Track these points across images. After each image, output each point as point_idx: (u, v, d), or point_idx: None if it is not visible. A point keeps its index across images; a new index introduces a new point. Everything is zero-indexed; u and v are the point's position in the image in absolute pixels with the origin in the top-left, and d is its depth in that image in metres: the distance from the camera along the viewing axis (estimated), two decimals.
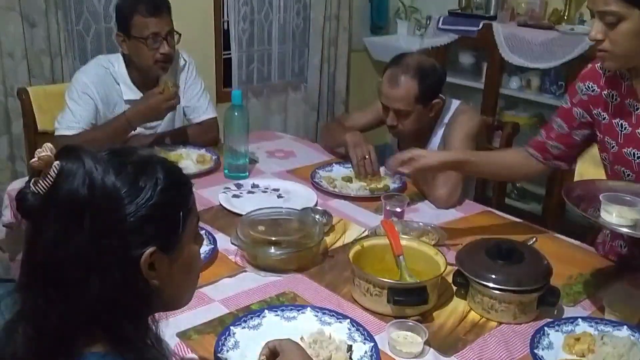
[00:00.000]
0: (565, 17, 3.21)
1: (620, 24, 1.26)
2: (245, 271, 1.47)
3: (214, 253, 1.50)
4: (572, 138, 1.54)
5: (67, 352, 0.76)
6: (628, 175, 1.45)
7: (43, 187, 0.75)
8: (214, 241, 1.54)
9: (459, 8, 3.51)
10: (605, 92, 1.45)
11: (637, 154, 1.41)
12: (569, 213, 2.82)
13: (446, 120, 1.99)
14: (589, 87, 1.48)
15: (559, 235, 1.71)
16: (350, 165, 2.07)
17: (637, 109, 1.39)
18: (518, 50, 3.16)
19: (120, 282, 0.76)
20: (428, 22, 3.66)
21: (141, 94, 2.07)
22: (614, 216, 1.24)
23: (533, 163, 1.62)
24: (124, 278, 0.77)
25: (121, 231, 0.76)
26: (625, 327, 1.26)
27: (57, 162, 0.76)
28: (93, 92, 2.05)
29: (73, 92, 2.05)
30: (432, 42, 3.50)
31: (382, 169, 2.03)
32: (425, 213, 1.82)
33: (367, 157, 1.96)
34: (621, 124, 1.43)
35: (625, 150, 1.43)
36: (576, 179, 1.98)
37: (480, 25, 3.28)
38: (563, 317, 1.32)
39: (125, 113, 1.99)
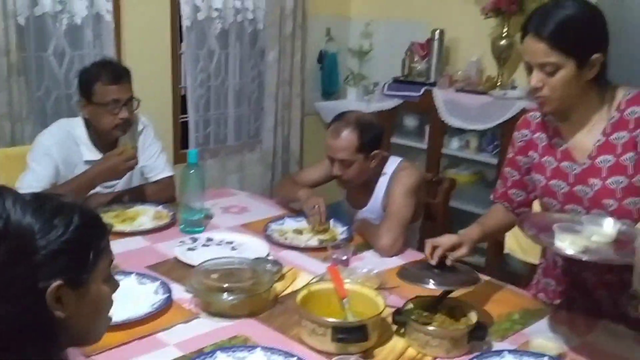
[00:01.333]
0: (499, 84, 3.51)
1: (557, 72, 1.41)
2: (199, 317, 1.56)
3: (168, 302, 1.59)
4: (525, 183, 1.68)
5: None
6: (554, 205, 1.61)
7: None
8: (168, 290, 1.63)
9: (402, 75, 3.78)
10: (536, 136, 1.64)
11: (562, 185, 1.58)
12: (507, 264, 3.01)
13: (389, 175, 2.16)
14: (523, 134, 1.67)
15: (491, 279, 1.86)
16: (300, 219, 2.21)
17: (561, 146, 1.58)
18: (456, 113, 3.42)
19: (27, 311, 0.84)
20: (375, 88, 3.93)
21: (101, 155, 2.18)
22: (567, 244, 1.36)
23: (508, 212, 1.73)
24: (30, 307, 0.84)
25: (31, 262, 0.84)
26: (546, 357, 1.40)
27: None
28: (54, 153, 2.15)
29: (35, 154, 2.14)
30: (379, 106, 3.75)
31: (331, 222, 2.18)
32: (370, 261, 1.94)
33: (315, 207, 2.12)
34: (549, 160, 1.60)
35: (552, 182, 1.59)
36: None
37: (422, 91, 3.56)
38: (491, 350, 1.45)
39: (86, 172, 2.09)
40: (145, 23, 3.27)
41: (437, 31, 3.64)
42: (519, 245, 2.36)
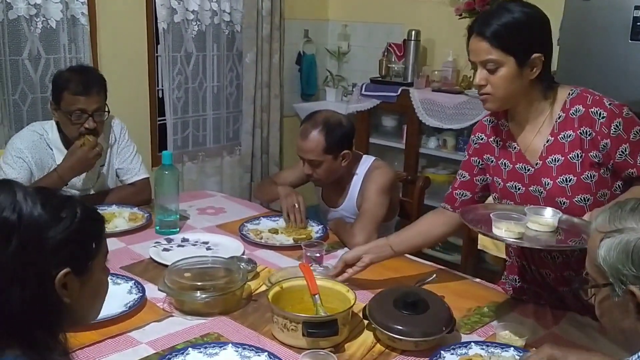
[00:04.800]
0: (474, 83, 3.55)
1: (499, 70, 1.48)
2: (173, 316, 1.57)
3: (142, 301, 1.60)
4: (475, 184, 1.74)
5: None
6: None
7: None
8: (142, 290, 1.64)
9: (379, 76, 3.82)
10: (491, 139, 1.68)
11: (518, 186, 1.62)
12: (483, 261, 3.06)
13: (362, 175, 2.19)
14: (479, 137, 1.71)
15: (460, 274, 1.90)
16: (276, 218, 2.23)
17: (515, 149, 1.63)
18: (433, 113, 3.46)
19: (37, 296, 0.90)
20: (353, 89, 3.96)
21: None
22: (503, 230, 1.44)
23: (447, 215, 1.78)
24: (40, 292, 0.91)
25: (42, 251, 0.91)
26: (512, 348, 1.43)
27: None
28: (27, 156, 2.15)
29: (8, 157, 2.14)
30: (357, 106, 3.78)
31: (308, 221, 2.21)
32: None
33: (296, 205, 2.13)
34: (505, 163, 1.65)
35: (509, 184, 1.64)
36: None
37: (399, 91, 3.59)
38: (459, 342, 1.48)
39: (56, 170, 2.09)
40: (121, 26, 3.27)
41: (413, 32, 3.68)
42: (491, 241, 2.40)
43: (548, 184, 1.56)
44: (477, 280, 1.87)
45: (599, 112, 1.49)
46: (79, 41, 3.08)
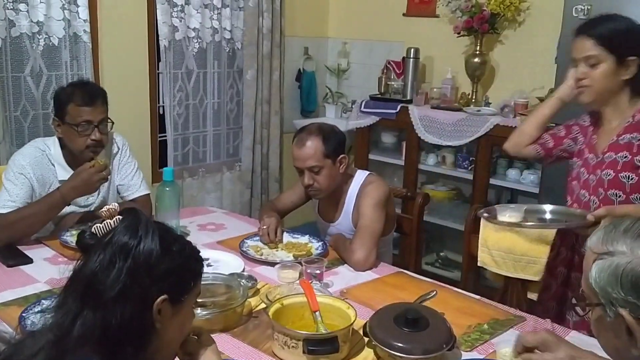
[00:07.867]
0: (473, 100, 3.58)
1: (599, 65, 1.71)
2: None
3: None
4: (561, 141, 1.96)
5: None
6: (575, 189, 1.88)
7: (101, 230, 1.03)
8: None
9: (379, 93, 3.85)
10: (590, 128, 1.89)
11: (584, 172, 1.84)
12: (483, 278, 3.05)
13: (357, 189, 2.21)
14: (583, 119, 1.94)
15: (460, 291, 1.90)
16: None
17: (594, 141, 1.84)
18: (432, 130, 3.48)
19: (135, 313, 1.00)
20: (352, 106, 3.98)
21: None
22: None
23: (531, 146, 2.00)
24: (139, 310, 1.00)
25: (149, 276, 1.01)
26: None
27: (119, 216, 1.06)
28: (29, 173, 2.15)
29: (9, 173, 2.15)
30: (357, 123, 3.80)
31: (307, 237, 2.24)
32: (344, 275, 1.98)
33: (264, 227, 2.19)
34: (584, 150, 1.87)
35: (581, 170, 1.86)
36: (480, 243, 2.21)
37: (398, 108, 3.62)
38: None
39: (59, 189, 2.09)
40: (123, 43, 3.30)
41: (412, 49, 3.71)
42: (491, 258, 2.39)
43: (597, 175, 1.78)
44: (477, 297, 1.87)
45: None
46: (81, 58, 3.11)
